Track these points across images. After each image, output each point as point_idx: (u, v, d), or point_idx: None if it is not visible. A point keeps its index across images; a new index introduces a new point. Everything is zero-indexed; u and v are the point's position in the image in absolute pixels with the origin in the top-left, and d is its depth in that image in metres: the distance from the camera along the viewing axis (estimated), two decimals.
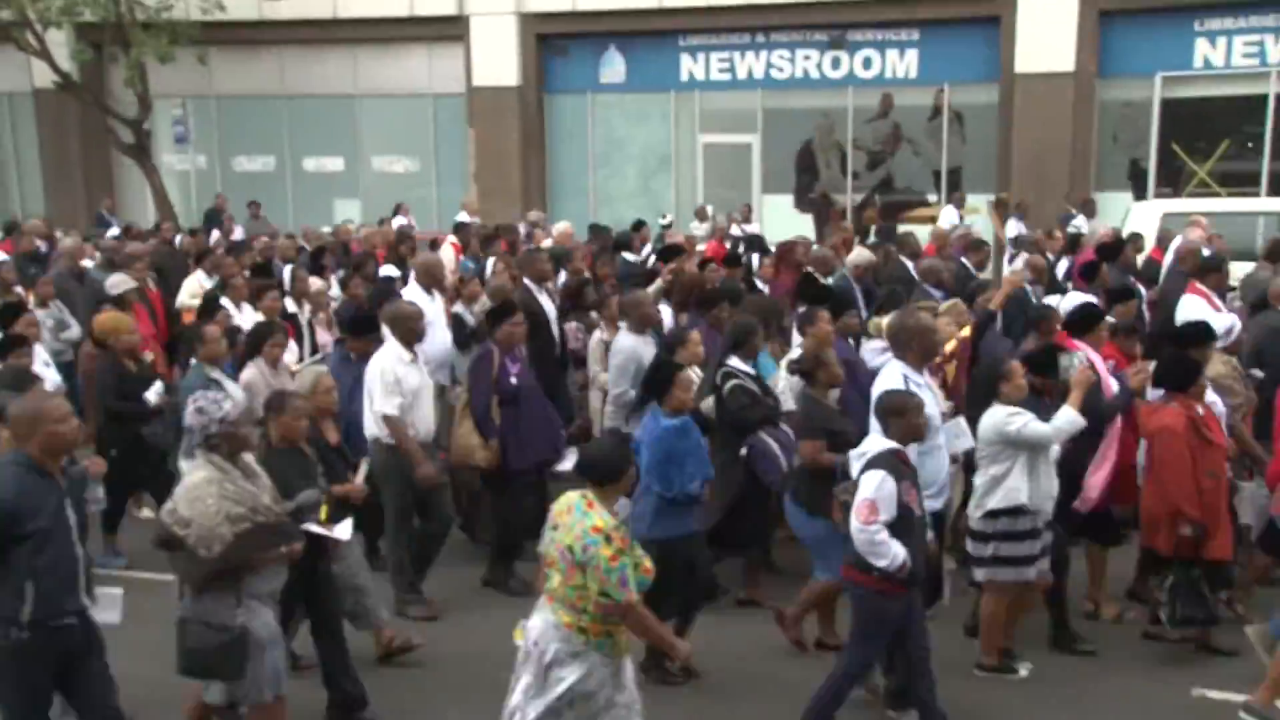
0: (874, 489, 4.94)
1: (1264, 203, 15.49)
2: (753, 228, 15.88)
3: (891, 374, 5.82)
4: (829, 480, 5.42)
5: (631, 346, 7.43)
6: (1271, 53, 16.84)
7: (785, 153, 19.42)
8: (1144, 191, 17.40)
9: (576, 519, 4.41)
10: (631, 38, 19.41)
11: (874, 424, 5.46)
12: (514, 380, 6.95)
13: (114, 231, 15.43)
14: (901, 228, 15.19)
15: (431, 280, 8.76)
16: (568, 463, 6.48)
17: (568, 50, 19.86)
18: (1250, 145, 17.36)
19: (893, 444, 5.12)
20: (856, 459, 5.19)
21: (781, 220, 18.08)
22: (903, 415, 5.13)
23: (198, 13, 18.55)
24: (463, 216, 15.18)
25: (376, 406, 6.65)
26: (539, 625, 4.47)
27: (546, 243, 12.01)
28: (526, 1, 19.20)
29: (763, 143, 19.31)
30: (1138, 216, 13.40)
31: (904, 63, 18.49)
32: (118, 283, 9.33)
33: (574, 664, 4.43)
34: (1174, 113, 17.51)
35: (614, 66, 19.97)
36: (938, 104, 18.51)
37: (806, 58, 18.77)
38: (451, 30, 19.46)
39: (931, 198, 18.49)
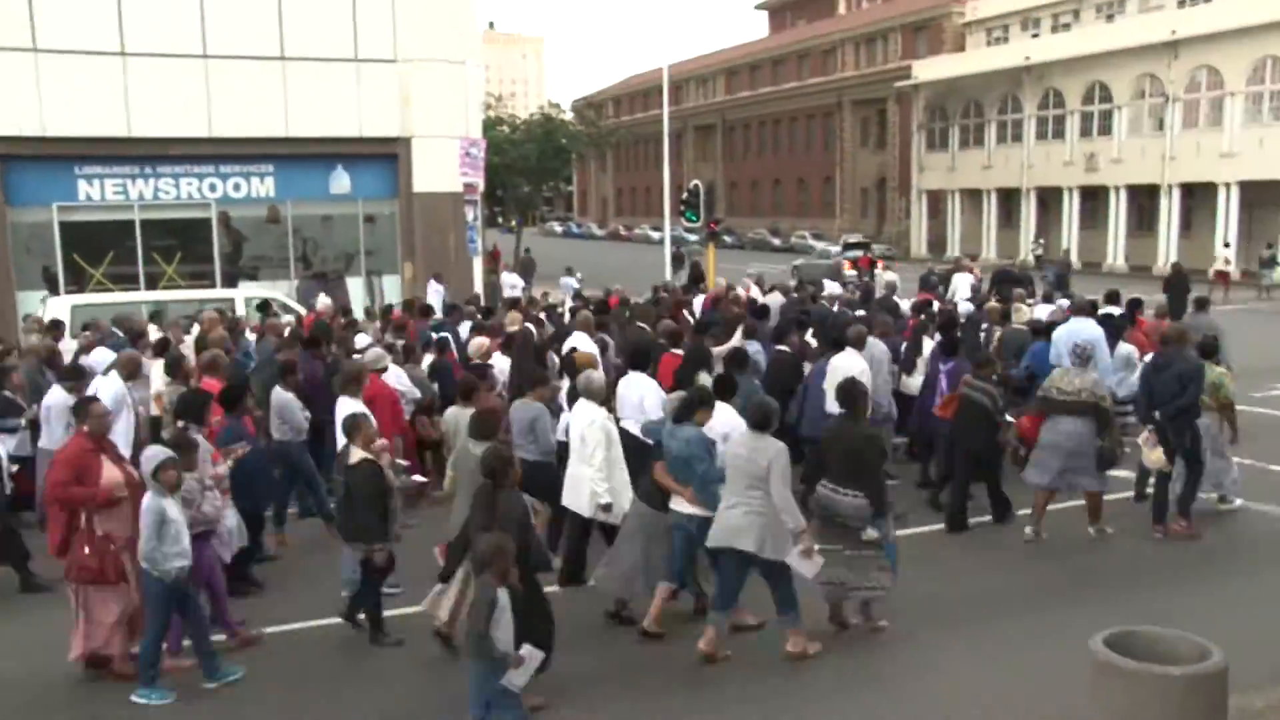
0: None
1: (143, 295, 20.23)
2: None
3: None
4: None
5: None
6: (132, 191, 22.67)
7: None
8: (57, 289, 21.34)
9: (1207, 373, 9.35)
10: None
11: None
12: None
13: None
14: None
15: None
16: None
17: None
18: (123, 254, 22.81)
19: None
20: None
21: None
22: None
23: None
24: None
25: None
26: (1206, 420, 9.38)
27: None
28: None
29: None
30: (53, 308, 17.09)
31: None
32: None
33: (1222, 433, 9.84)
34: (71, 232, 22.21)
35: None
36: None
37: None
38: None
39: None
